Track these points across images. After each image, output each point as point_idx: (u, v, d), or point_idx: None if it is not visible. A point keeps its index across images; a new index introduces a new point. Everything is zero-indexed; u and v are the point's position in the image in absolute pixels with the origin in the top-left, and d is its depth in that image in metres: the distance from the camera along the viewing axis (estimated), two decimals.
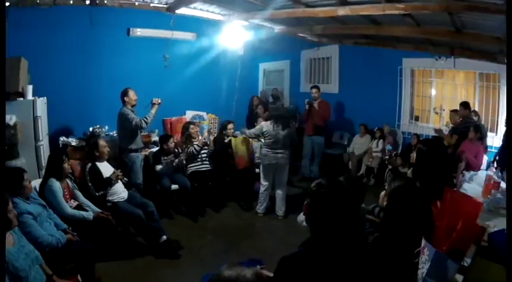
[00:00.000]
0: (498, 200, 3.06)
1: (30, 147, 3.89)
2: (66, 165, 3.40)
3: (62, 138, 4.58)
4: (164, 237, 3.75)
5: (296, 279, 1.27)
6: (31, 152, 3.91)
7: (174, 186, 4.69)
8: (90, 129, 4.88)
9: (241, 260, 2.98)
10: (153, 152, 4.95)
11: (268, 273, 1.57)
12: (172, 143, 4.83)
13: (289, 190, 4.92)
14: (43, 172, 3.61)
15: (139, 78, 5.29)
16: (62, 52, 4.83)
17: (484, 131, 4.94)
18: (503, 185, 3.22)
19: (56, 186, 3.23)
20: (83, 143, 4.58)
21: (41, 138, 3.99)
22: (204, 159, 5.04)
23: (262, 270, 1.52)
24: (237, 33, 6.17)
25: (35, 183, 3.28)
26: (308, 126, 6.31)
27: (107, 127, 4.99)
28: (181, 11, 5.57)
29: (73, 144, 4.55)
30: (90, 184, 3.68)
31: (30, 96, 3.99)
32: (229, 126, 5.44)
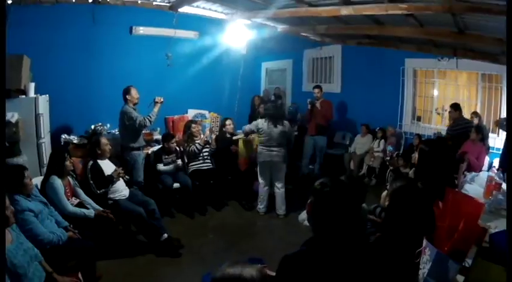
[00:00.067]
0: (499, 201, 3.05)
1: (32, 144, 3.91)
2: (68, 163, 3.40)
3: (64, 136, 4.58)
4: (165, 235, 3.75)
5: (298, 278, 1.27)
6: (33, 150, 3.92)
7: (175, 184, 4.69)
8: (92, 127, 4.87)
9: (241, 259, 2.98)
10: (154, 150, 4.95)
11: (270, 272, 1.57)
12: (174, 143, 4.83)
13: (289, 189, 4.92)
14: (44, 169, 3.61)
15: (141, 77, 5.28)
16: (64, 50, 4.83)
17: (485, 132, 4.93)
18: (504, 186, 3.22)
19: (58, 183, 3.23)
20: (85, 141, 4.57)
21: (42, 136, 4.00)
22: (205, 157, 5.05)
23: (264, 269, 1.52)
24: (239, 32, 6.16)
25: (37, 180, 3.28)
26: (310, 126, 6.27)
27: (109, 125, 4.99)
28: (184, 10, 5.57)
29: (75, 142, 4.55)
30: (92, 182, 3.69)
31: (32, 93, 4.00)
32: (227, 122, 5.48)
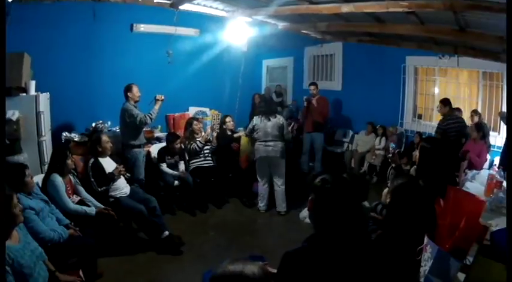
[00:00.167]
0: (500, 199, 3.06)
1: (32, 142, 3.91)
2: (69, 161, 3.40)
3: (65, 134, 4.59)
4: (166, 233, 3.75)
5: (299, 274, 1.27)
6: (34, 147, 3.92)
7: (176, 182, 4.69)
8: (93, 124, 4.89)
9: (242, 256, 2.98)
10: (155, 147, 4.96)
11: (271, 269, 1.57)
12: (178, 144, 4.83)
13: (289, 187, 4.92)
14: (45, 167, 3.62)
15: (142, 74, 5.29)
16: (65, 48, 4.83)
17: (486, 130, 4.93)
18: (505, 184, 3.21)
19: (59, 181, 3.23)
20: (86, 139, 4.58)
21: (43, 134, 4.01)
22: (206, 155, 5.05)
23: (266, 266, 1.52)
24: (240, 30, 6.14)
25: (38, 178, 3.28)
26: (307, 123, 6.30)
27: (110, 123, 5.00)
28: (185, 7, 5.56)
29: (75, 140, 4.56)
30: (93, 179, 3.68)
31: (33, 91, 4.00)
32: (227, 119, 5.50)
